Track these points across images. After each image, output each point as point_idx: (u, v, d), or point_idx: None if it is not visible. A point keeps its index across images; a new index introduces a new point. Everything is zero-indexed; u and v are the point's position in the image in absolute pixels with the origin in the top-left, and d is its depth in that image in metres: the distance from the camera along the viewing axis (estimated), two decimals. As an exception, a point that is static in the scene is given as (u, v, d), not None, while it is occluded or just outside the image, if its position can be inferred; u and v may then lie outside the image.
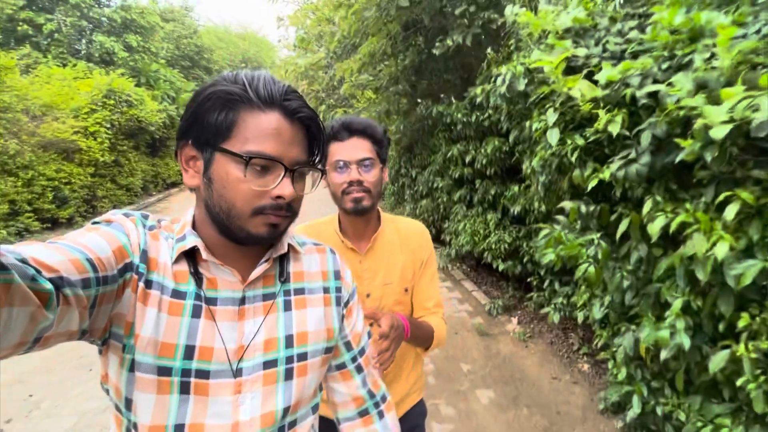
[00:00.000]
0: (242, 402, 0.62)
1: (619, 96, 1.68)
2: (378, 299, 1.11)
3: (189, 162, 0.62)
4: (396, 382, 1.17)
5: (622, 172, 1.60)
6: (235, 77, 0.60)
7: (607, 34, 2.03)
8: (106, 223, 0.59)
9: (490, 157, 3.75)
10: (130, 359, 0.57)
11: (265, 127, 0.59)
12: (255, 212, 0.60)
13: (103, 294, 0.51)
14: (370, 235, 1.13)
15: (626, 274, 1.92)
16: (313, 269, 0.76)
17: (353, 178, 1.02)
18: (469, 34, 3.40)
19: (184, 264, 0.62)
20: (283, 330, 0.67)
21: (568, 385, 3.08)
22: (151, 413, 0.58)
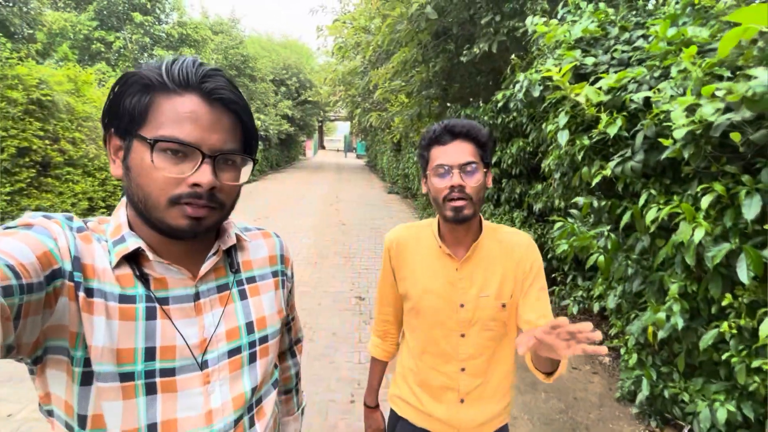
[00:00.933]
0: (212, 391, 0.63)
1: (619, 101, 1.88)
2: (472, 311, 1.03)
3: (117, 152, 0.59)
4: (487, 402, 1.08)
5: (620, 169, 1.79)
6: (158, 64, 0.57)
7: (617, 42, 2.21)
8: (24, 227, 0.53)
9: (515, 157, 3.93)
10: (80, 372, 0.54)
11: (179, 111, 0.55)
12: (171, 202, 0.56)
13: (28, 303, 0.46)
14: (469, 242, 1.05)
15: (631, 263, 2.09)
16: (260, 255, 0.76)
17: (455, 183, 0.95)
18: (494, 41, 3.61)
19: (127, 267, 0.59)
20: (243, 318, 0.69)
21: (587, 375, 3.21)
22: (121, 420, 0.56)
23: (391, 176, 13.19)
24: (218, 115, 0.58)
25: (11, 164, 4.77)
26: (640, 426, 2.59)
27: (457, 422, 1.07)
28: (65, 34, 8.84)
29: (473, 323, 1.03)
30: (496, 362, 1.07)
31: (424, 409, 1.11)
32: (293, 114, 21.07)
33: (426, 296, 1.05)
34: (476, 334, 1.04)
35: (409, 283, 1.08)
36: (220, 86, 0.57)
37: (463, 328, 1.04)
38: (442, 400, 1.08)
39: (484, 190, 1.00)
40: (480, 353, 1.05)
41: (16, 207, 4.87)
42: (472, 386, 1.06)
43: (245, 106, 0.61)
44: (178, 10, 11.99)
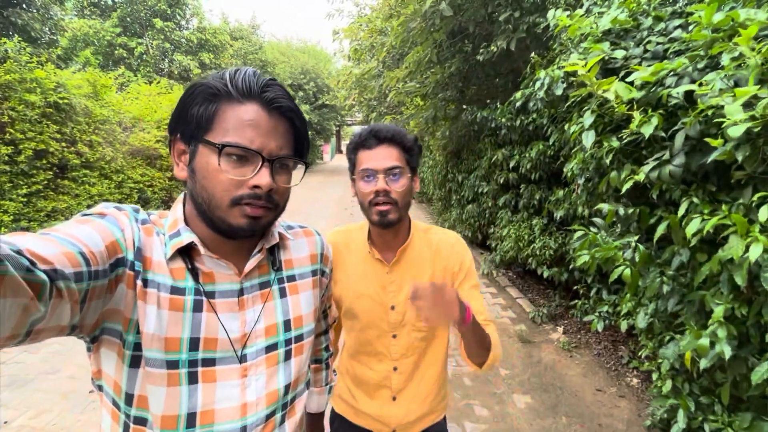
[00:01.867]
0: (248, 384, 0.66)
1: (655, 97, 1.66)
2: (402, 313, 1.06)
3: (180, 156, 0.64)
4: (419, 400, 1.12)
5: (656, 174, 1.58)
6: (222, 74, 0.62)
7: (650, 33, 1.99)
8: (98, 216, 0.57)
9: (535, 161, 3.71)
10: (130, 355, 0.58)
11: (242, 118, 0.60)
12: (233, 203, 0.60)
13: (93, 288, 0.50)
14: (397, 246, 1.08)
15: (667, 279, 1.86)
16: (303, 254, 0.79)
17: (380, 187, 0.97)
18: (513, 39, 3.41)
19: (180, 260, 0.62)
20: (281, 315, 0.71)
21: (613, 398, 2.95)
22: (164, 404, 0.60)
23: (407, 180, 12.99)
24: (276, 122, 0.63)
25: (28, 166, 4.83)
26: (675, 460, 2.32)
27: (389, 419, 1.11)
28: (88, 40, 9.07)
29: (403, 324, 1.07)
30: (427, 362, 1.11)
31: (358, 406, 1.14)
32: (310, 118, 21.19)
33: (359, 300, 1.08)
34: (407, 334, 1.08)
35: (342, 287, 1.09)
36: (279, 96, 0.62)
37: (394, 329, 1.08)
38: (376, 397, 1.12)
39: (410, 195, 1.02)
40: (411, 353, 1.09)
41: (33, 209, 4.94)
42: (404, 384, 1.10)
43: (300, 113, 0.66)
44: (198, 16, 12.21)
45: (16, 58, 4.68)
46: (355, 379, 1.15)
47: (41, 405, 2.66)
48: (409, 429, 1.13)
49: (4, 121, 4.52)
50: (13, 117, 4.58)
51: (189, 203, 0.65)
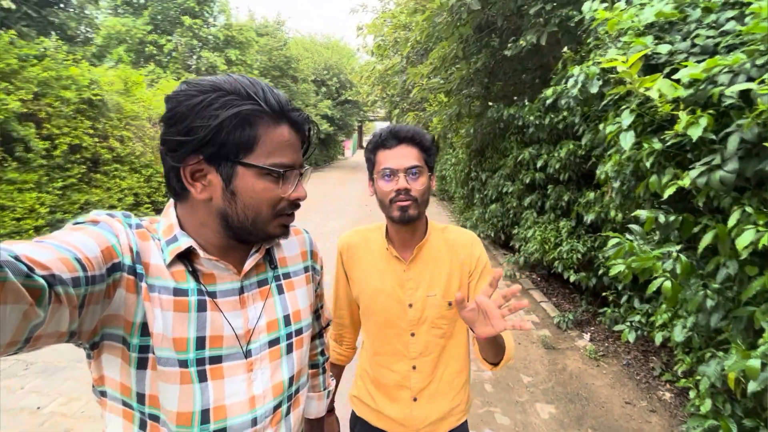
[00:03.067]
0: (255, 378, 0.69)
1: (704, 96, 1.53)
2: (420, 310, 1.07)
3: (194, 175, 0.63)
4: (440, 399, 1.11)
5: (704, 179, 1.45)
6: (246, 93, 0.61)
7: (699, 26, 1.84)
8: (91, 223, 0.59)
9: (564, 161, 3.55)
10: (137, 358, 0.60)
11: (282, 140, 0.64)
12: (276, 216, 0.66)
13: (91, 294, 0.51)
14: (415, 244, 1.09)
15: (711, 293, 1.72)
16: (294, 252, 0.83)
17: (401, 186, 0.99)
18: (544, 33, 3.26)
19: (180, 264, 0.64)
20: (281, 311, 0.75)
21: (643, 412, 2.80)
22: (177, 402, 0.61)
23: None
24: (297, 139, 0.68)
25: (64, 160, 5.03)
26: (711, 483, 2.18)
27: (411, 421, 1.10)
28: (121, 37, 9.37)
29: (422, 322, 1.07)
30: (446, 360, 1.10)
31: (379, 408, 1.14)
32: (333, 114, 21.28)
33: (377, 297, 1.09)
34: (425, 332, 1.08)
35: (360, 285, 1.12)
36: (305, 119, 0.68)
37: (412, 327, 1.08)
38: (396, 398, 1.11)
39: (428, 193, 1.05)
40: (430, 351, 1.09)
41: (68, 201, 5.14)
42: (424, 384, 1.10)
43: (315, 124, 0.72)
44: (225, 13, 12.40)
45: (53, 56, 4.86)
46: (374, 381, 1.15)
47: (72, 393, 2.76)
48: (433, 431, 1.11)
49: (42, 116, 4.71)
50: (49, 113, 4.77)
51: (195, 214, 0.65)
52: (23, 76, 4.43)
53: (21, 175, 4.49)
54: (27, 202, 4.47)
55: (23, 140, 4.45)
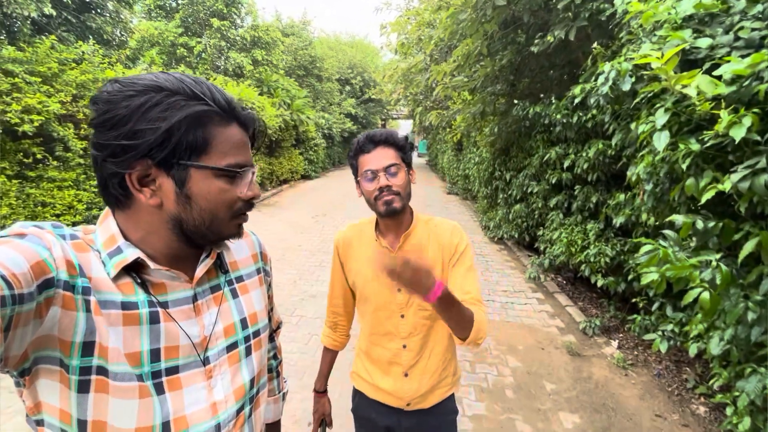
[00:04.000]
0: (214, 384, 0.68)
1: (749, 93, 1.42)
2: (407, 294, 1.18)
3: (142, 180, 0.59)
4: (429, 374, 1.22)
5: (747, 184, 1.35)
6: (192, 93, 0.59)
7: (743, 18, 1.71)
8: (17, 236, 0.53)
9: (593, 161, 3.41)
10: (77, 380, 0.55)
11: (235, 140, 0.63)
12: (233, 216, 0.65)
13: (18, 314, 0.47)
14: (401, 233, 1.20)
15: (753, 305, 1.61)
16: (245, 254, 0.82)
17: (382, 184, 1.10)
18: (573, 28, 3.14)
19: (126, 276, 0.61)
20: (237, 315, 0.74)
21: (675, 426, 2.66)
22: (136, 418, 0.59)
23: (451, 176, 12.74)
24: (246, 137, 0.67)
25: (99, 159, 5.25)
26: (750, 506, 2.04)
27: (402, 393, 1.22)
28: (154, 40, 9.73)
29: (410, 305, 1.19)
30: (433, 339, 1.23)
31: (374, 382, 1.26)
32: (356, 112, 21.37)
33: (369, 284, 1.21)
34: (413, 314, 1.20)
35: (355, 274, 1.24)
36: (252, 117, 0.67)
37: (401, 309, 1.20)
38: (389, 373, 1.24)
39: (409, 186, 1.16)
40: (418, 331, 1.21)
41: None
42: (413, 361, 1.22)
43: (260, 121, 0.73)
44: (252, 14, 12.66)
45: (90, 60, 5.10)
46: (370, 358, 1.28)
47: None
48: (422, 402, 1.23)
49: (80, 118, 4.94)
50: (87, 114, 5.00)
51: (140, 222, 0.62)
52: (63, 79, 4.68)
53: (60, 173, 4.74)
54: (66, 199, 4.72)
55: (62, 140, 4.70)
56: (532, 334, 3.88)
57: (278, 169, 11.92)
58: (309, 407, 2.45)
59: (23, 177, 4.41)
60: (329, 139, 17.00)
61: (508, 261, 6.05)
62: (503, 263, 5.94)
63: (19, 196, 4.26)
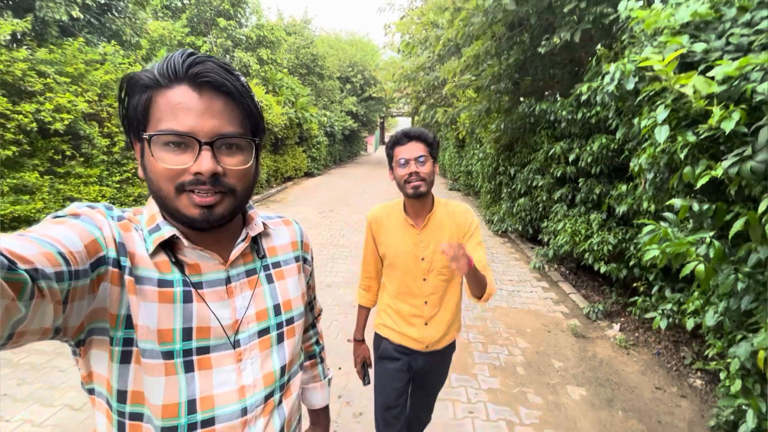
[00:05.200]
0: (244, 368, 0.68)
1: (738, 92, 1.65)
2: (429, 262, 1.47)
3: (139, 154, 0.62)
4: (443, 325, 1.54)
5: (736, 169, 1.58)
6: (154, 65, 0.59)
7: (733, 25, 1.94)
8: (72, 217, 0.57)
9: (597, 154, 3.64)
10: (120, 351, 0.58)
11: (171, 103, 0.57)
12: (177, 190, 0.59)
13: (74, 289, 0.49)
14: (425, 214, 1.47)
15: (742, 276, 1.84)
16: (284, 241, 0.81)
17: (412, 170, 1.35)
18: (578, 30, 3.36)
19: (163, 254, 0.62)
20: (271, 300, 0.74)
21: (674, 398, 2.90)
22: (163, 394, 0.60)
23: (453, 173, 12.96)
24: (209, 100, 0.58)
25: (120, 156, 5.47)
26: (741, 462, 2.28)
27: (423, 339, 1.53)
28: (163, 40, 9.90)
29: (431, 271, 1.47)
30: (448, 297, 1.53)
31: (400, 330, 1.55)
32: (357, 110, 21.55)
33: (398, 254, 1.48)
34: (433, 278, 1.48)
35: (385, 246, 1.51)
36: (206, 70, 0.57)
37: (424, 274, 1.48)
38: (412, 324, 1.53)
39: (433, 175, 1.41)
40: (437, 291, 1.50)
41: (123, 194, 5.59)
42: (432, 313, 1.52)
43: (239, 87, 0.60)
44: (257, 14, 12.82)
45: (112, 60, 5.29)
46: (397, 312, 1.56)
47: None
48: (437, 345, 1.56)
49: (103, 116, 5.14)
50: (110, 113, 5.20)
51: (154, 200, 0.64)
52: (88, 79, 4.88)
53: (86, 169, 4.95)
54: (91, 195, 4.93)
55: (88, 138, 4.90)
56: (539, 318, 4.12)
57: (283, 166, 12.11)
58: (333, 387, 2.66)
59: (53, 173, 4.62)
60: (331, 136, 17.20)
61: (512, 253, 6.28)
62: (508, 255, 6.17)
63: (50, 191, 4.46)
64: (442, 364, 1.66)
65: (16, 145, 4.09)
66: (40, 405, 2.56)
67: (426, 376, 1.65)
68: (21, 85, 4.12)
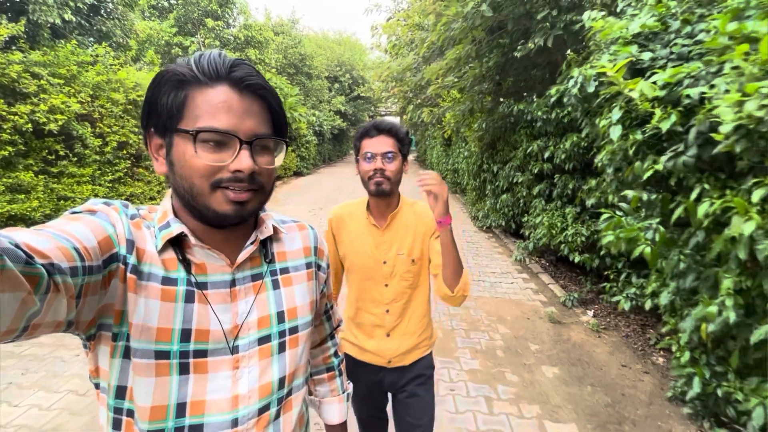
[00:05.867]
0: (240, 376, 0.65)
1: (675, 96, 1.90)
2: (391, 266, 1.34)
3: (158, 151, 0.63)
4: (408, 336, 1.39)
5: (672, 163, 1.82)
6: (187, 60, 0.60)
7: (677, 36, 2.19)
8: (89, 213, 0.58)
9: (569, 152, 3.90)
10: (123, 346, 0.58)
11: (213, 102, 0.58)
12: (213, 187, 0.60)
13: (87, 284, 0.50)
14: (389, 214, 1.35)
15: (684, 257, 2.09)
16: (295, 247, 0.79)
17: (377, 166, 1.24)
18: (550, 36, 3.61)
19: (171, 252, 0.63)
20: (275, 307, 0.71)
21: (637, 373, 3.17)
22: (152, 395, 0.59)
23: (441, 171, 13.23)
24: (249, 101, 0.61)
25: (113, 156, 5.56)
26: (692, 426, 2.55)
27: (384, 352, 1.38)
28: (151, 40, 9.93)
29: (393, 275, 1.35)
30: (413, 305, 1.39)
31: (361, 344, 1.41)
32: (346, 109, 21.69)
33: (358, 256, 1.36)
34: (396, 283, 1.35)
35: (345, 246, 1.39)
36: (248, 74, 0.60)
37: (386, 279, 1.35)
38: (373, 335, 1.39)
39: (400, 174, 1.31)
40: (400, 298, 1.36)
41: (116, 193, 5.68)
42: (395, 323, 1.38)
43: (272, 90, 0.64)
44: (244, 14, 12.89)
45: (103, 62, 5.39)
46: (356, 323, 1.43)
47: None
48: (402, 360, 1.39)
49: (95, 117, 5.24)
50: (102, 113, 5.30)
51: (175, 196, 0.65)
52: (81, 81, 4.97)
53: (79, 169, 5.04)
54: (84, 194, 5.02)
55: (81, 138, 4.99)
56: (519, 307, 4.38)
57: (273, 165, 12.16)
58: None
59: (47, 173, 4.71)
60: (320, 136, 17.32)
61: (496, 247, 6.55)
62: (491, 249, 6.44)
63: (45, 190, 4.55)
64: (422, 387, 1.42)
65: (11, 146, 4.18)
66: (46, 392, 2.70)
67: (406, 404, 1.42)
68: (16, 87, 4.21)
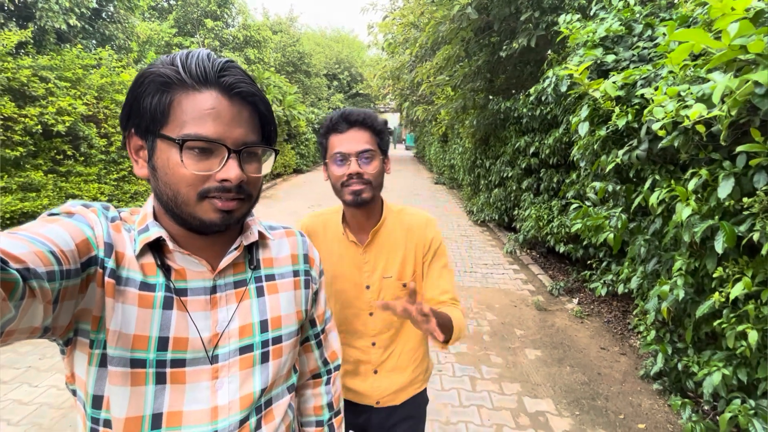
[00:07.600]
0: (219, 387, 0.63)
1: (631, 95, 2.09)
2: (376, 291, 1.10)
3: (138, 152, 0.60)
4: (399, 372, 1.17)
5: (627, 157, 2.02)
6: (171, 59, 0.57)
7: (640, 39, 2.38)
8: (66, 215, 0.56)
9: (553, 147, 4.09)
10: (99, 354, 0.56)
11: (201, 108, 0.55)
12: (201, 197, 0.57)
13: (65, 288, 0.49)
14: (371, 227, 1.10)
15: (644, 243, 2.29)
16: (282, 254, 0.75)
17: (353, 170, 0.99)
18: (533, 36, 3.79)
19: (150, 256, 0.60)
20: (258, 315, 0.68)
21: (615, 355, 3.38)
22: (127, 406, 0.57)
23: (438, 167, 13.41)
24: (238, 108, 0.58)
25: (117, 155, 5.77)
26: (660, 401, 2.76)
27: (372, 391, 1.16)
28: (151, 41, 10.12)
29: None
30: (404, 336, 1.16)
31: (344, 382, 1.16)
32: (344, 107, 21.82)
33: (335, 280, 1.11)
34: (383, 312, 1.09)
35: None
36: (239, 80, 0.58)
37: (370, 307, 1.11)
38: (358, 372, 1.16)
39: (382, 176, 1.05)
40: (387, 329, 1.13)
41: (120, 191, 5.90)
42: (384, 358, 1.15)
43: (262, 97, 0.62)
44: (243, 14, 13.05)
45: (107, 64, 5.59)
46: None
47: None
48: (392, 400, 1.17)
49: (100, 118, 5.45)
50: (106, 114, 5.51)
51: (156, 200, 0.62)
52: (86, 83, 5.18)
53: (86, 168, 5.26)
54: (91, 192, 5.24)
55: (87, 138, 5.20)
56: (508, 296, 4.58)
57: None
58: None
59: (55, 172, 4.93)
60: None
61: (489, 240, 6.75)
62: (485, 242, 6.64)
63: (54, 189, 4.77)
64: (413, 422, 1.22)
65: (22, 146, 4.39)
66: (62, 374, 2.92)
67: None
68: (26, 90, 4.42)
